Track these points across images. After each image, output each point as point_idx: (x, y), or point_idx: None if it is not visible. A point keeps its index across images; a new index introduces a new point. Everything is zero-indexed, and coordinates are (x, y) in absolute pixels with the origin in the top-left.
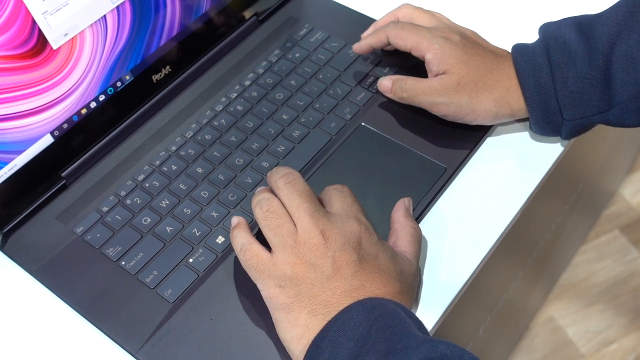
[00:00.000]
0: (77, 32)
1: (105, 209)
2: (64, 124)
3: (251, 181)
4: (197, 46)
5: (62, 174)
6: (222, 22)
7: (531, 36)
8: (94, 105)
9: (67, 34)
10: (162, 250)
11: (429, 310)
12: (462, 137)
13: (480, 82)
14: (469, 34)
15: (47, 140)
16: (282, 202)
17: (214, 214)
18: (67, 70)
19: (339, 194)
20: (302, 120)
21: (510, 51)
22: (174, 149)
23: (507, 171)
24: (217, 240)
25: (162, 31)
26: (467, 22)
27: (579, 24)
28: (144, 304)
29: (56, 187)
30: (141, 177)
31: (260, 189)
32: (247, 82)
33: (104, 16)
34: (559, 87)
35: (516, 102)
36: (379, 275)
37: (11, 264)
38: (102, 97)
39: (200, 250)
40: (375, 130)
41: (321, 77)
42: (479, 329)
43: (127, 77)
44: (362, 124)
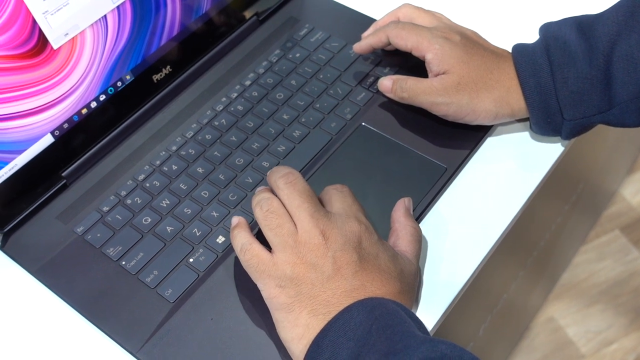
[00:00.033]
0: (77, 32)
1: (105, 209)
2: (64, 123)
3: (252, 181)
4: (197, 46)
5: (63, 174)
6: (223, 22)
7: (531, 36)
8: (94, 105)
9: (67, 34)
10: (163, 250)
11: (429, 310)
12: (463, 137)
13: (480, 82)
14: (470, 34)
15: (48, 140)
16: (283, 202)
17: (215, 214)
18: (67, 70)
19: (338, 193)
20: (303, 120)
21: (510, 51)
22: (175, 148)
23: (507, 171)
24: (217, 240)
25: (162, 31)
26: (467, 22)
27: (579, 24)
28: (144, 304)
29: (56, 187)
30: (142, 177)
31: (260, 189)
32: (248, 82)
33: (105, 16)
34: (560, 87)
35: (516, 102)
36: (379, 275)
37: (12, 264)
38: (102, 97)
39: (200, 250)
40: (375, 130)
41: (322, 77)
42: (479, 329)
43: (128, 77)
44: (363, 123)
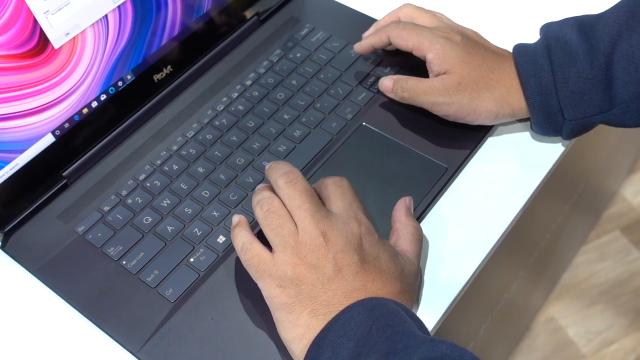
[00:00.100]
0: (78, 31)
1: (106, 209)
2: (65, 123)
3: (252, 181)
4: (198, 46)
5: (64, 174)
6: (223, 21)
7: (532, 36)
8: (95, 104)
9: (68, 34)
10: (163, 249)
11: (429, 310)
12: (463, 137)
13: (481, 82)
14: (470, 34)
15: (49, 139)
16: (283, 202)
17: (215, 214)
18: (68, 69)
19: (338, 189)
20: (303, 120)
21: (511, 51)
22: (175, 148)
23: (508, 171)
24: (218, 239)
25: (163, 31)
26: (468, 22)
27: (580, 24)
28: (145, 304)
29: (57, 187)
30: (142, 177)
31: (260, 188)
32: (248, 82)
33: (106, 16)
34: (560, 87)
35: (517, 102)
36: (379, 275)
37: (12, 263)
38: (103, 97)
39: (201, 249)
40: (376, 130)
41: (322, 76)
42: (479, 329)
43: (129, 77)
44: (363, 123)
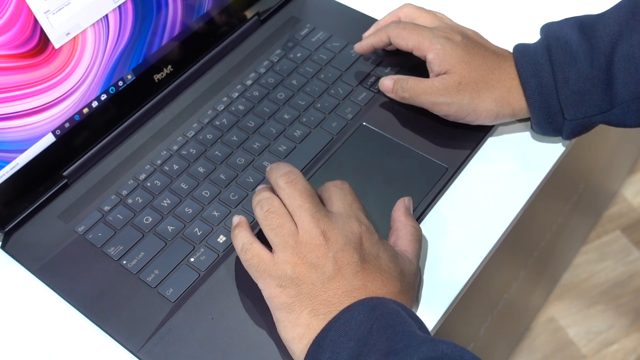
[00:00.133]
0: (79, 31)
1: (106, 208)
2: (65, 123)
3: (252, 181)
4: (198, 46)
5: (64, 173)
6: (224, 21)
7: (532, 36)
8: (95, 104)
9: (69, 34)
10: (164, 249)
11: (430, 310)
12: (464, 137)
13: (481, 82)
14: (471, 34)
15: (49, 139)
16: (283, 202)
17: (216, 214)
18: (68, 69)
19: (339, 191)
20: (304, 119)
21: (511, 51)
22: (176, 148)
23: (508, 171)
24: (218, 239)
25: (163, 31)
26: (468, 22)
27: (581, 24)
28: (145, 303)
29: (58, 186)
30: (143, 177)
31: (260, 188)
32: (249, 82)
33: (106, 16)
34: (561, 87)
35: (517, 102)
36: (379, 275)
37: (13, 263)
38: (103, 97)
39: (201, 249)
40: (376, 130)
41: (322, 76)
42: (480, 329)
43: (129, 77)
44: (364, 123)
